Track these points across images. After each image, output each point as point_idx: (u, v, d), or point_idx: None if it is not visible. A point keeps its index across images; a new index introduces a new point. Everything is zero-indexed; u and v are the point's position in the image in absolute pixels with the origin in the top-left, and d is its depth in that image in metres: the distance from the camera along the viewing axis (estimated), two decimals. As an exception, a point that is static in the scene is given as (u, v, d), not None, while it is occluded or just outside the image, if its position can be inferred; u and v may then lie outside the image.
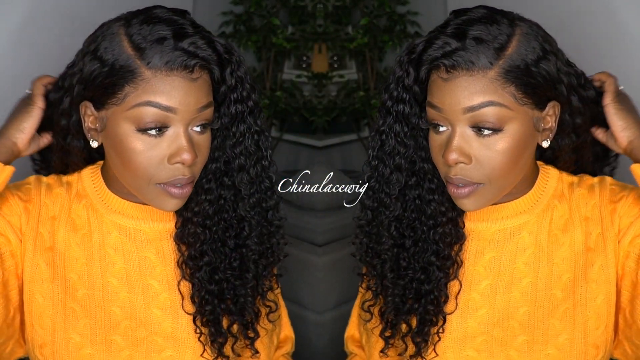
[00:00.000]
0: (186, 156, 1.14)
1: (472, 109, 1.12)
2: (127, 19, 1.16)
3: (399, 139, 1.23)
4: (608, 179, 1.28)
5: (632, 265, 1.21)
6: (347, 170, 2.94)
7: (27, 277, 1.23)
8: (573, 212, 1.25)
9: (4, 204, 1.22)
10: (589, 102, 1.26)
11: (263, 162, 1.26)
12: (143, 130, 1.13)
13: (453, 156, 1.14)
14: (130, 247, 1.25)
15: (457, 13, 1.18)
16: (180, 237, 1.26)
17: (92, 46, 1.16)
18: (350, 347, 1.49)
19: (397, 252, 1.28)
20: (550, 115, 1.18)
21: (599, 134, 1.29)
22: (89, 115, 1.17)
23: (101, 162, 1.29)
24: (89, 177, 1.27)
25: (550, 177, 1.27)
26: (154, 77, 1.12)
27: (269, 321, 1.34)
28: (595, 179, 1.28)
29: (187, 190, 1.18)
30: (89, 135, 1.19)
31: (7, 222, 1.22)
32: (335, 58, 3.11)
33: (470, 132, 1.14)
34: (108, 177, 1.26)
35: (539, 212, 1.25)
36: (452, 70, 1.12)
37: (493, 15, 1.16)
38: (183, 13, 1.18)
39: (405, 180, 1.25)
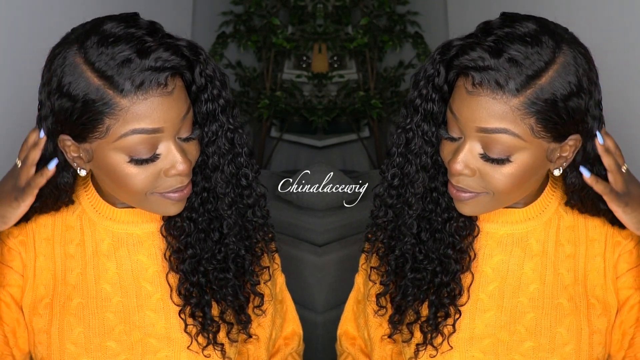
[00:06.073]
0: (181, 167, 1.13)
1: (485, 130, 1.10)
2: (80, 42, 1.11)
3: (426, 138, 1.20)
4: None
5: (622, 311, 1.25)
6: (347, 170, 2.94)
7: (29, 301, 1.25)
8: (580, 228, 1.26)
9: (8, 253, 1.24)
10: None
11: (239, 159, 1.23)
12: (136, 160, 1.12)
13: (457, 167, 1.13)
14: (123, 251, 1.25)
15: (505, 19, 1.11)
16: (167, 229, 1.26)
17: (55, 82, 1.11)
18: (344, 344, 1.47)
19: (414, 245, 1.26)
20: (570, 146, 1.14)
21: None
22: (69, 146, 1.15)
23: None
24: (81, 184, 1.27)
25: (559, 186, 1.27)
26: (132, 105, 1.09)
27: (256, 314, 1.33)
28: None
29: (187, 191, 1.18)
30: (75, 165, 1.17)
31: (14, 272, 1.24)
32: (335, 58, 3.11)
33: (479, 148, 1.12)
34: (98, 186, 1.26)
35: (546, 220, 1.25)
36: (477, 86, 1.09)
37: (539, 36, 1.10)
38: (135, 19, 1.11)
39: None
